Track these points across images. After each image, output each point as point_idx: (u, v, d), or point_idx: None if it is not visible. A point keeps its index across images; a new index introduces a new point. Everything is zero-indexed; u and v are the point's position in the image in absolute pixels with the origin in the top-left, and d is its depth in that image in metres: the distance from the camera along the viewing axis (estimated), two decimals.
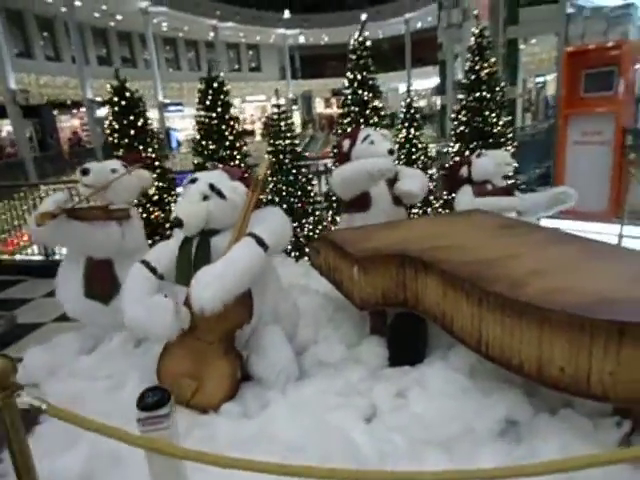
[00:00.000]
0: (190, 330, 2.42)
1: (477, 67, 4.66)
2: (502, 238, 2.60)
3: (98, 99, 21.00)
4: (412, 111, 4.94)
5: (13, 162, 13.81)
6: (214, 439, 2.12)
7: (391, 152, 3.45)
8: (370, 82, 4.48)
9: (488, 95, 4.64)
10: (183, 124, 26.62)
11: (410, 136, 4.95)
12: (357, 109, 4.42)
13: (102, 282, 2.96)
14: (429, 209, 4.95)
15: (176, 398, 2.44)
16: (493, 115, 4.63)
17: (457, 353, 2.46)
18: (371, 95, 4.42)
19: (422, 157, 4.94)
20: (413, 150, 4.89)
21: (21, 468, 1.31)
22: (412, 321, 2.65)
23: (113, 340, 2.97)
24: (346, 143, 3.64)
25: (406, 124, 4.98)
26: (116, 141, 4.18)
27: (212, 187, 2.39)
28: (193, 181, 2.47)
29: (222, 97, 4.23)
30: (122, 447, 1.74)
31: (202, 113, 4.26)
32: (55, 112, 22.25)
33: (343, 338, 2.88)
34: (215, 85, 4.20)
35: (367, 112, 4.42)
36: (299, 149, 4.63)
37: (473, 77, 4.69)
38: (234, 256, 2.24)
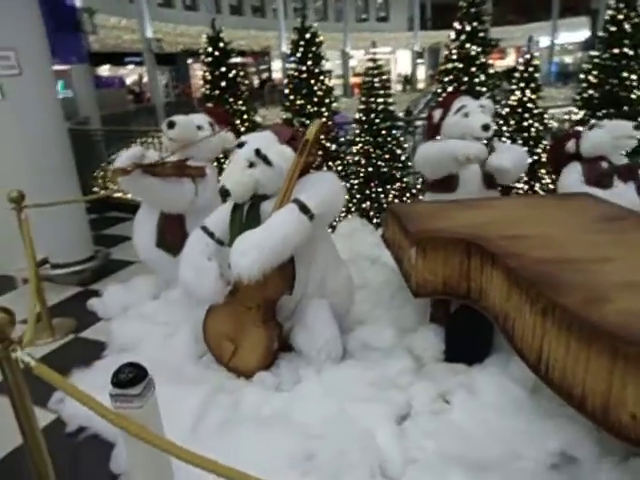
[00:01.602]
0: (232, 293, 2.39)
1: (621, 16, 3.80)
2: (599, 234, 2.11)
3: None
4: (531, 69, 4.23)
5: (146, 107, 15.04)
6: (236, 408, 2.09)
7: (486, 128, 2.99)
8: (481, 34, 3.90)
9: (630, 52, 3.79)
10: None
11: (525, 99, 4.28)
12: (461, 65, 3.90)
13: (173, 235, 3.03)
14: (537, 185, 4.32)
15: (217, 358, 2.51)
16: (633, 77, 3.79)
17: (520, 361, 2.11)
18: (480, 50, 3.85)
19: (536, 124, 4.26)
20: (526, 116, 4.24)
21: (22, 418, 1.35)
22: (477, 315, 2.32)
23: (176, 290, 3.07)
24: (437, 113, 3.23)
25: (522, 85, 4.30)
26: (207, 92, 4.20)
27: (258, 153, 2.25)
28: (241, 145, 2.34)
29: (314, 49, 4.00)
30: None
31: (292, 66, 4.08)
32: (189, 61, 23.61)
33: (397, 321, 2.66)
34: (307, 36, 3.97)
35: (473, 69, 3.88)
36: (393, 108, 4.27)
37: (614, 29, 3.85)
38: (274, 223, 2.11)
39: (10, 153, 3.73)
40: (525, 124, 4.20)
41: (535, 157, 4.18)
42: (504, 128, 4.27)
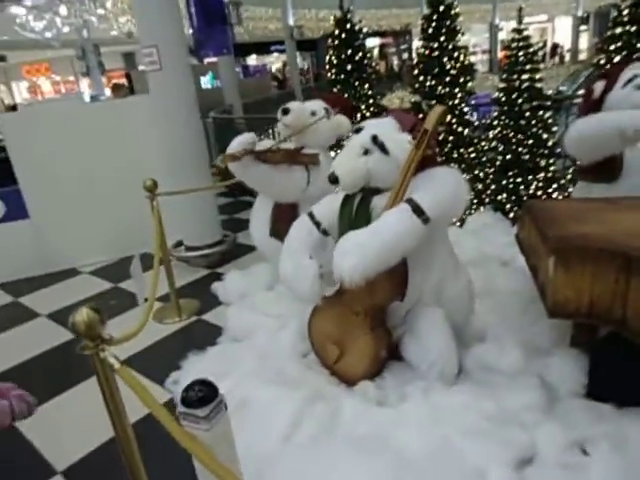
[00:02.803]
0: (340, 294, 2.24)
1: None
2: None
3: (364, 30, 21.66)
4: None
5: (287, 93, 15.58)
6: (333, 419, 1.95)
7: None
8: None
9: None
10: None
11: None
12: (634, 29, 3.16)
13: (286, 224, 2.95)
14: None
15: (321, 359, 2.40)
16: None
17: None
18: None
19: None
20: None
21: (113, 414, 1.38)
22: (633, 345, 1.85)
23: None
24: (599, 86, 2.60)
25: None
26: (333, 77, 4.07)
27: (375, 139, 2.03)
28: (358, 131, 2.14)
29: (448, 23, 3.60)
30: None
31: (421, 43, 3.74)
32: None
33: (528, 340, 2.26)
34: (441, 9, 3.58)
35: None
36: (540, 85, 3.67)
37: None
38: (382, 225, 1.88)
39: (151, 144, 4.07)
40: None
41: None
42: None
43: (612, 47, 3.32)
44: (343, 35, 3.95)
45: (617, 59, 3.28)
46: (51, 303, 3.71)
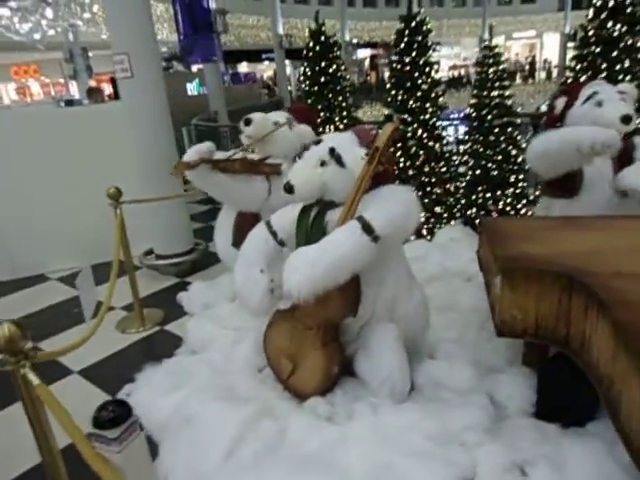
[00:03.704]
0: (294, 308, 2.23)
1: None
2: None
3: (355, 41, 21.87)
4: None
5: (276, 101, 15.62)
6: (279, 436, 1.92)
7: (626, 120, 2.40)
8: (629, 10, 3.17)
9: None
10: (441, 64, 25.68)
11: None
12: (599, 50, 3.21)
13: (247, 234, 2.98)
14: None
15: (276, 373, 2.37)
16: None
17: None
18: (625, 29, 3.12)
19: None
20: None
21: (38, 433, 1.34)
22: (578, 365, 1.85)
23: None
24: (560, 102, 2.66)
25: None
26: (307, 88, 4.08)
27: (332, 152, 2.02)
28: (317, 143, 2.14)
29: (420, 39, 3.63)
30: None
31: (396, 58, 3.76)
32: None
33: (482, 357, 2.26)
34: (413, 24, 3.61)
35: (614, 53, 3.17)
36: (510, 102, 3.72)
37: None
38: (332, 242, 1.87)
39: (124, 150, 4.04)
40: None
41: None
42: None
43: (578, 67, 3.37)
44: (317, 47, 3.95)
45: (583, 78, 3.33)
46: (15, 309, 3.64)
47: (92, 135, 4.21)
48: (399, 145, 3.81)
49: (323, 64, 3.93)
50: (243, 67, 25.03)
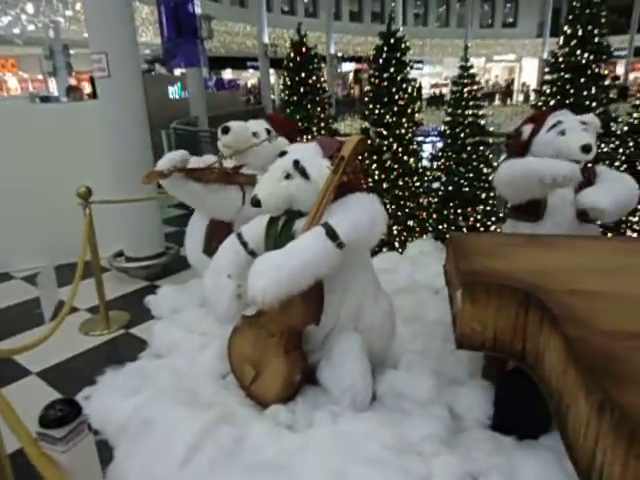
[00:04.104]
0: (257, 316, 2.22)
1: None
2: None
3: (339, 54, 22.13)
4: None
5: (258, 108, 15.67)
6: (238, 443, 1.91)
7: (586, 149, 2.51)
8: (597, 40, 3.31)
9: None
10: (423, 82, 26.18)
11: None
12: (568, 76, 3.33)
13: (219, 242, 2.93)
14: None
15: (239, 380, 2.36)
16: None
17: None
18: (592, 58, 3.26)
19: None
20: None
21: None
22: (533, 379, 1.90)
23: None
24: (526, 129, 2.77)
25: None
26: (287, 98, 4.11)
27: (296, 164, 2.05)
28: (282, 154, 2.16)
29: (397, 55, 3.71)
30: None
31: (375, 73, 3.83)
32: None
33: (444, 369, 2.29)
34: (392, 41, 3.69)
35: (582, 80, 3.30)
36: (483, 122, 3.82)
37: None
38: (296, 247, 1.89)
39: (98, 150, 3.99)
40: None
41: None
42: (620, 151, 3.60)
43: (548, 91, 3.49)
44: (298, 58, 4.00)
45: (552, 102, 3.46)
46: None
47: (66, 133, 4.15)
48: (374, 158, 3.88)
49: (303, 75, 3.96)
50: (228, 74, 25.02)
